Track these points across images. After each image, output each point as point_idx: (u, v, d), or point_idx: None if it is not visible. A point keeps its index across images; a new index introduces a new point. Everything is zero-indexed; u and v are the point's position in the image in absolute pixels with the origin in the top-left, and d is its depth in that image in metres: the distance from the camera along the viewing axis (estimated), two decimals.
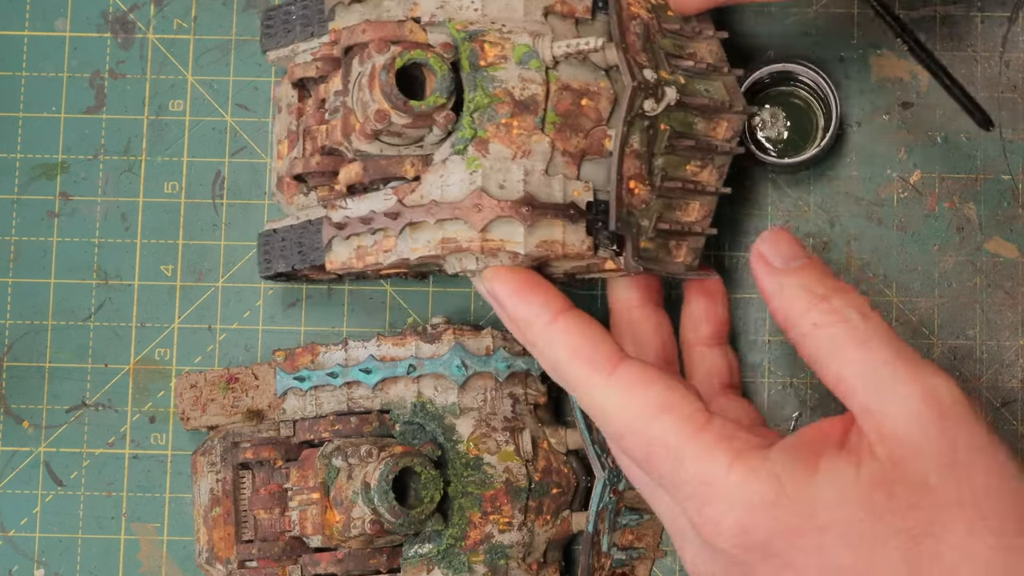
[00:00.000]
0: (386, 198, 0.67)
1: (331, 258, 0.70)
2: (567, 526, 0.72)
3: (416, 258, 0.66)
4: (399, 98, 0.64)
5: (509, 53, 0.66)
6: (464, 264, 0.66)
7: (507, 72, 0.65)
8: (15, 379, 0.77)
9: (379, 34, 0.66)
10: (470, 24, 0.66)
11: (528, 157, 0.65)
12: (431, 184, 0.66)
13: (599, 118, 0.67)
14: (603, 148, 0.66)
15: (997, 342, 0.76)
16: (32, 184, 0.78)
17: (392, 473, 0.68)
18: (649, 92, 0.66)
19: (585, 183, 0.66)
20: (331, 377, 0.72)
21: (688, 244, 0.69)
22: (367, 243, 0.68)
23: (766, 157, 0.75)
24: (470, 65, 0.66)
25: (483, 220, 0.64)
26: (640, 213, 0.67)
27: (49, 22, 0.79)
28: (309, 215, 0.72)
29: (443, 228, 0.65)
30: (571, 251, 0.65)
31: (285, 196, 0.73)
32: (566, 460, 0.73)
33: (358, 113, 0.66)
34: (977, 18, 0.77)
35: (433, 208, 0.65)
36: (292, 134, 0.73)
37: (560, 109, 0.66)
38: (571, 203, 0.65)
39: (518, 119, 0.65)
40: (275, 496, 0.71)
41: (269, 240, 0.73)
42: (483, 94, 0.65)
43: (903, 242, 0.76)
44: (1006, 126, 0.76)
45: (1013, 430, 0.75)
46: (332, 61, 0.70)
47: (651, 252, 0.68)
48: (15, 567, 0.77)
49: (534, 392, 0.73)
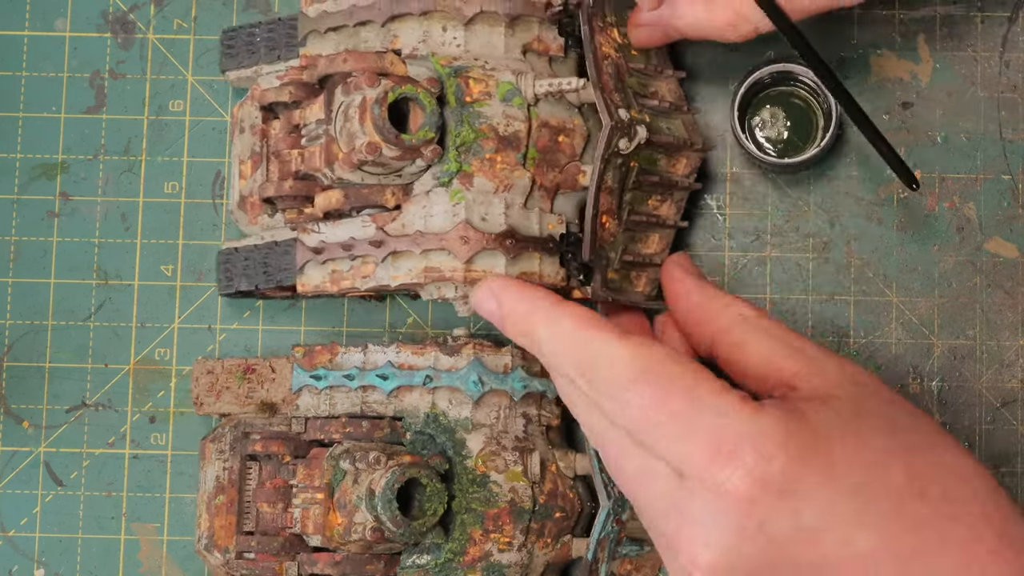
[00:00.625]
0: (364, 225, 0.69)
1: (303, 281, 0.71)
2: (567, 551, 0.72)
3: (396, 285, 0.68)
4: (391, 132, 0.66)
5: (493, 90, 0.68)
6: (443, 292, 0.68)
7: (492, 108, 0.68)
8: (15, 379, 0.77)
9: (360, 64, 0.68)
10: (454, 60, 0.69)
11: (509, 191, 0.68)
12: (413, 214, 0.68)
13: (573, 154, 0.70)
14: (577, 183, 0.69)
15: (997, 342, 0.76)
16: (32, 184, 0.78)
17: (398, 482, 0.68)
18: (624, 131, 0.69)
19: (559, 216, 0.69)
20: (347, 379, 0.72)
21: (647, 275, 0.73)
22: (343, 268, 0.70)
23: (766, 157, 0.75)
24: (456, 100, 0.68)
25: (469, 251, 0.67)
26: (609, 246, 0.70)
27: (49, 22, 0.79)
28: (275, 236, 0.73)
29: (427, 258, 0.67)
30: (547, 281, 0.68)
31: (249, 216, 0.74)
32: (573, 485, 0.73)
33: (342, 142, 0.68)
34: (977, 18, 0.77)
35: (419, 238, 0.67)
36: (256, 155, 0.74)
37: (539, 145, 0.69)
38: (549, 236, 0.68)
39: (502, 154, 0.68)
40: (280, 491, 0.71)
41: (230, 259, 0.74)
42: (469, 129, 0.68)
43: (903, 242, 0.76)
44: (1006, 126, 0.76)
45: (1013, 430, 0.75)
46: (304, 87, 0.71)
47: (616, 282, 0.71)
48: (15, 567, 0.77)
49: (548, 414, 0.73)
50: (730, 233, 0.77)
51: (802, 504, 0.59)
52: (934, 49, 0.77)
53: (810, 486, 0.59)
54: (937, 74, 0.77)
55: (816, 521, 0.59)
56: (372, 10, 0.70)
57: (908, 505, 0.59)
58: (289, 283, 0.72)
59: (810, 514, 0.59)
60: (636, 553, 0.74)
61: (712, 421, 0.60)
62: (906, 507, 0.59)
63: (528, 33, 0.71)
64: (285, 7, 0.79)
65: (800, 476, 0.59)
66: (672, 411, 0.61)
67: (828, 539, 0.59)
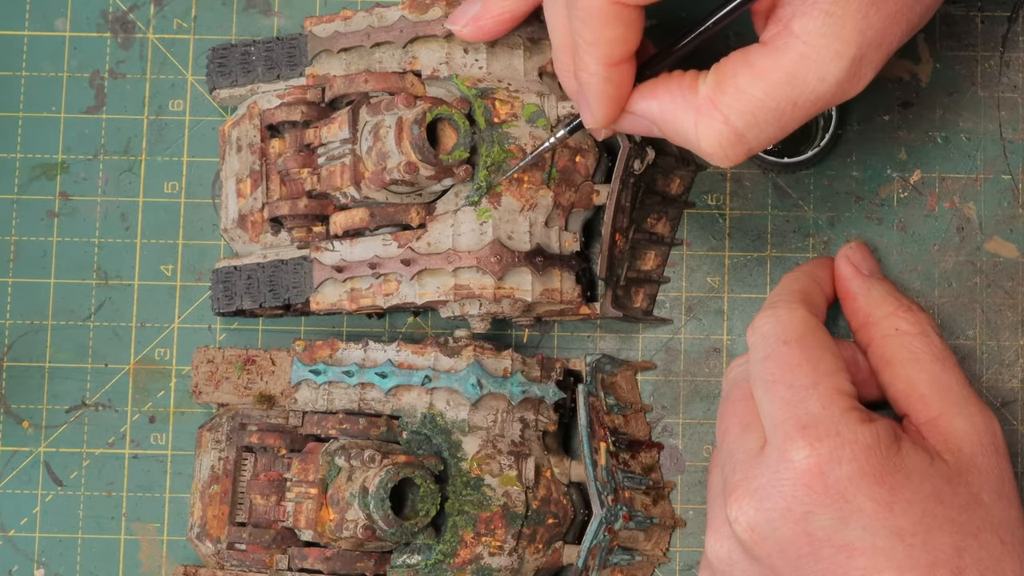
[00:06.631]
0: (385, 243, 0.70)
1: (318, 299, 0.72)
2: (557, 557, 0.72)
3: (423, 302, 0.70)
4: (430, 151, 0.67)
5: (519, 111, 0.70)
6: (466, 309, 0.70)
7: (519, 129, 0.70)
8: (15, 379, 0.78)
9: (382, 85, 0.70)
10: (478, 81, 0.70)
11: (534, 210, 0.70)
12: (440, 232, 0.70)
13: (587, 174, 0.72)
14: (591, 202, 0.72)
15: (997, 342, 0.76)
16: (32, 184, 0.78)
17: (392, 482, 0.68)
18: (637, 153, 0.71)
19: (574, 234, 0.72)
20: (347, 375, 0.72)
21: (645, 291, 0.76)
22: (362, 286, 0.71)
23: (766, 157, 0.75)
24: (485, 121, 0.70)
25: (502, 270, 0.69)
26: (617, 263, 0.73)
27: (49, 22, 0.79)
28: (280, 255, 0.73)
29: (457, 275, 0.69)
30: (567, 298, 0.71)
31: (249, 235, 0.74)
32: (567, 492, 0.73)
33: (370, 162, 0.69)
34: (977, 18, 0.77)
35: (452, 256, 0.69)
36: (256, 174, 0.74)
37: (560, 165, 0.70)
38: (571, 254, 0.71)
39: (528, 175, 0.70)
40: (274, 484, 0.72)
41: (230, 277, 0.74)
42: (500, 149, 0.70)
43: (903, 242, 0.76)
44: (1006, 126, 0.76)
45: (1013, 430, 0.75)
46: (314, 106, 0.72)
47: (619, 299, 0.74)
48: (15, 567, 0.77)
49: (545, 419, 0.73)
50: (730, 233, 0.77)
51: (852, 517, 0.62)
52: (934, 49, 0.77)
53: (866, 507, 0.62)
54: (937, 74, 0.77)
55: (857, 539, 0.62)
56: (392, 31, 0.72)
57: (939, 572, 0.62)
58: (299, 301, 0.73)
59: (855, 529, 0.62)
60: (627, 562, 0.74)
61: (817, 408, 0.64)
62: (937, 574, 0.62)
63: (543, 56, 0.72)
64: (284, 8, 0.79)
65: (861, 492, 0.62)
66: (793, 383, 0.65)
67: (858, 561, 0.62)
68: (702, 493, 0.76)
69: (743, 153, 0.62)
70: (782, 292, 0.70)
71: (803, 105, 0.61)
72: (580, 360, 0.75)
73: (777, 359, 0.66)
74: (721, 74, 0.62)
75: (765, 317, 0.68)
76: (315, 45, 0.74)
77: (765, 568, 0.64)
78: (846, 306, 0.72)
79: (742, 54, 0.61)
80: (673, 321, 0.76)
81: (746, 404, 0.67)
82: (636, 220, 0.74)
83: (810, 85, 0.60)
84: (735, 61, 0.62)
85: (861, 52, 0.60)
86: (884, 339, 0.70)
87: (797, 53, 0.60)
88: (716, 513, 0.67)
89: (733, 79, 0.61)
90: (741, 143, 0.62)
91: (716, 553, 0.66)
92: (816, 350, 0.66)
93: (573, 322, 0.76)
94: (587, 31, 0.61)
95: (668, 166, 0.74)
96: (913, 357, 0.69)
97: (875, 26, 0.60)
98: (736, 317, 0.76)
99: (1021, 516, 0.66)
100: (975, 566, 0.62)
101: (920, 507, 0.62)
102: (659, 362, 0.77)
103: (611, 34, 0.61)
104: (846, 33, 0.60)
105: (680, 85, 0.63)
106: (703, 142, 0.62)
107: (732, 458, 0.66)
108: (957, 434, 0.66)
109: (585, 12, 0.60)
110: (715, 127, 0.62)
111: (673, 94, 0.63)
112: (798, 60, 0.60)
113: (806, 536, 0.62)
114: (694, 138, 0.62)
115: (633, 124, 0.65)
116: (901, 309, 0.70)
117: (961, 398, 0.67)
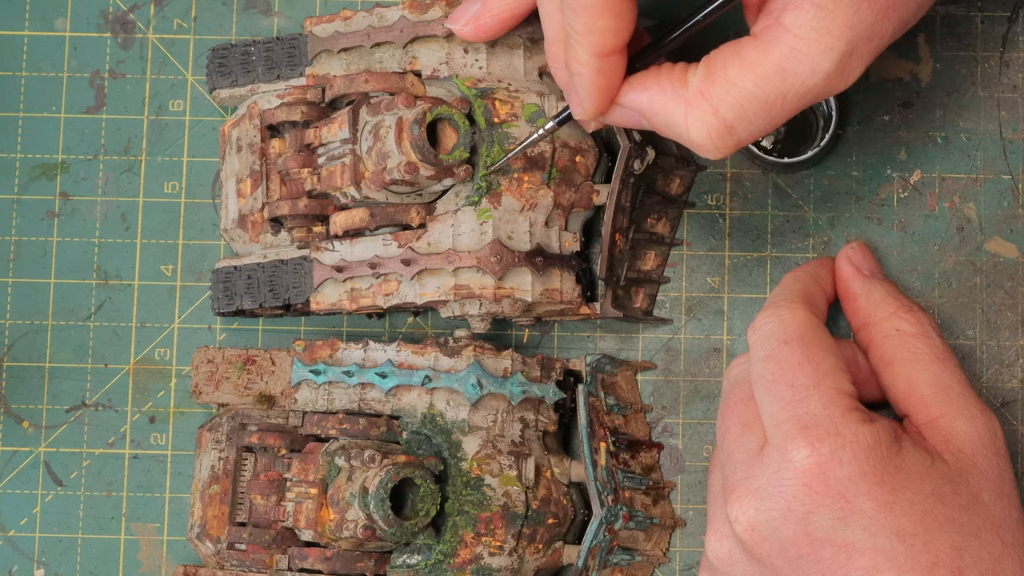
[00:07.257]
0: (385, 243, 0.70)
1: (318, 299, 0.72)
2: (557, 557, 0.72)
3: (423, 302, 0.70)
4: (430, 152, 0.67)
5: (519, 111, 0.70)
6: (466, 309, 0.70)
7: (519, 129, 0.70)
8: (15, 379, 0.78)
9: (382, 85, 0.70)
10: (478, 81, 0.70)
11: (534, 210, 0.70)
12: (440, 232, 0.70)
13: (587, 174, 0.72)
14: (590, 202, 0.72)
15: (997, 342, 0.76)
16: (32, 184, 0.78)
17: (392, 482, 0.68)
18: (637, 153, 0.71)
19: (574, 234, 0.72)
20: (347, 375, 0.72)
21: (645, 291, 0.76)
22: (362, 286, 0.71)
23: (766, 157, 0.75)
24: (485, 121, 0.70)
25: (502, 269, 0.69)
26: (617, 263, 0.73)
27: (49, 22, 0.79)
28: (280, 255, 0.73)
29: (457, 275, 0.69)
30: (567, 298, 0.71)
31: (249, 235, 0.74)
32: (567, 492, 0.73)
33: (370, 162, 0.69)
34: (977, 18, 0.77)
35: (452, 256, 0.69)
36: (256, 174, 0.74)
37: (560, 165, 0.70)
38: (571, 254, 0.71)
39: (528, 174, 0.70)
40: (274, 484, 0.72)
41: (230, 277, 0.74)
42: (500, 150, 0.69)
43: (903, 242, 0.76)
44: (1006, 126, 0.76)
45: (1013, 430, 0.75)
46: (314, 106, 0.72)
47: (619, 299, 0.74)
48: (15, 567, 0.77)
49: (545, 419, 0.73)
50: (730, 233, 0.77)
51: (853, 517, 0.62)
52: (934, 49, 0.77)
53: (866, 507, 0.62)
54: (937, 74, 0.77)
55: (857, 539, 0.62)
56: (392, 31, 0.72)
57: (940, 572, 0.62)
58: (299, 301, 0.73)
59: (855, 530, 0.62)
60: (627, 562, 0.74)
61: (818, 408, 0.64)
62: (938, 574, 0.62)
63: (543, 56, 0.72)
64: (284, 8, 0.79)
65: (861, 493, 0.62)
66: (794, 383, 0.65)
67: (859, 561, 0.62)
68: (702, 493, 0.76)
69: (732, 145, 0.63)
70: (783, 292, 0.70)
71: (793, 98, 0.61)
72: (580, 360, 0.75)
73: (778, 359, 0.66)
74: (711, 66, 0.62)
75: (766, 317, 0.68)
76: (315, 45, 0.74)
77: (765, 568, 0.64)
78: (847, 306, 0.72)
79: (732, 46, 0.62)
80: (673, 321, 0.76)
81: (747, 404, 0.67)
82: (636, 220, 0.74)
83: (800, 78, 0.61)
84: (725, 53, 0.62)
85: (851, 46, 0.60)
86: (885, 340, 0.70)
87: (787, 46, 0.60)
88: (716, 513, 0.67)
89: (723, 71, 0.61)
90: (731, 135, 0.62)
91: (716, 553, 0.66)
92: (817, 350, 0.66)
93: (573, 322, 0.76)
94: (579, 21, 0.61)
95: (668, 166, 0.74)
96: (914, 358, 0.69)
97: (866, 20, 0.60)
98: (736, 317, 0.76)
99: (1022, 517, 0.66)
100: (975, 566, 0.62)
101: (921, 507, 0.63)
102: (659, 362, 0.77)
103: (603, 24, 0.61)
104: (837, 27, 0.60)
105: (670, 77, 0.63)
106: (693, 134, 0.62)
107: (732, 458, 0.66)
108: (958, 435, 0.66)
109: (577, 2, 0.60)
110: (705, 119, 0.62)
111: (663, 86, 0.63)
112: (788, 53, 0.60)
113: (806, 536, 0.63)
114: (684, 130, 0.62)
115: (623, 116, 0.65)
116: (902, 310, 0.70)
117: (962, 399, 0.67)
